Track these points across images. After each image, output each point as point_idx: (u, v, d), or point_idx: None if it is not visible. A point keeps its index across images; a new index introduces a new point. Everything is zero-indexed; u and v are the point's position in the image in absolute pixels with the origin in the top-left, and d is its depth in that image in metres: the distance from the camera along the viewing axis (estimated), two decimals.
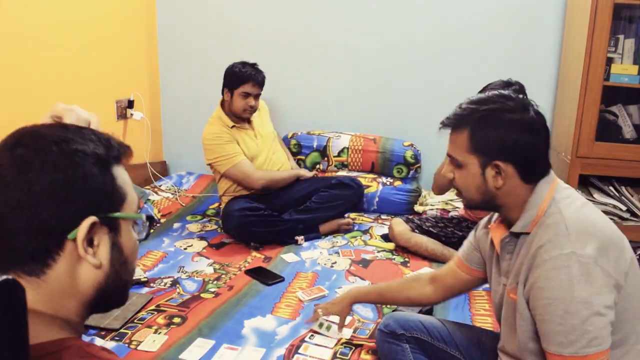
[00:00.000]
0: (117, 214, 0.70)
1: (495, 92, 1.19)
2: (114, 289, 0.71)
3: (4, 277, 0.53)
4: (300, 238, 2.67)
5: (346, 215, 2.95)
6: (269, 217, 2.63)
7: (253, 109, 2.73)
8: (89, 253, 0.67)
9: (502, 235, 1.21)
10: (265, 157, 2.81)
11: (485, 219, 1.38)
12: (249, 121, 2.82)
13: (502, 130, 1.12)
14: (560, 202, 1.12)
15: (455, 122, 1.18)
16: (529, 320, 1.12)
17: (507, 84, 2.31)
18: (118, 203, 0.70)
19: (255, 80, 2.67)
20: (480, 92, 2.31)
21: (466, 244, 1.42)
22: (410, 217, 2.77)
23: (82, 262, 0.67)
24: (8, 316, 0.54)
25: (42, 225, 0.64)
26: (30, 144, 0.66)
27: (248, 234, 2.58)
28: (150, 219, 0.77)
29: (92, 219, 0.66)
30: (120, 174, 0.71)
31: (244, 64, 2.71)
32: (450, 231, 2.56)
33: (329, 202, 2.74)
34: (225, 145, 2.68)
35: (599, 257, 1.02)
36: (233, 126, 2.73)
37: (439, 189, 2.47)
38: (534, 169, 1.15)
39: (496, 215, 1.28)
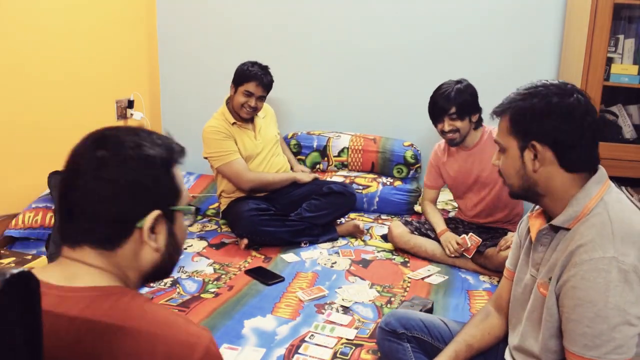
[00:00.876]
0: (174, 207, 0.84)
1: (543, 81, 1.20)
2: (167, 266, 0.87)
3: (20, 269, 0.60)
4: (304, 241, 2.67)
5: (345, 218, 2.94)
6: (277, 215, 2.63)
7: (252, 109, 2.72)
8: (152, 239, 0.81)
9: (540, 226, 1.20)
10: (262, 159, 2.81)
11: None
12: (251, 121, 2.81)
13: (539, 112, 1.13)
14: (610, 204, 1.10)
15: (501, 109, 1.21)
16: (555, 317, 1.11)
17: (458, 81, 2.44)
18: (176, 198, 0.85)
19: (259, 81, 2.66)
20: (436, 92, 2.45)
21: (512, 248, 1.38)
22: (409, 219, 2.77)
23: (145, 246, 0.81)
24: (24, 305, 0.60)
25: (117, 216, 0.78)
26: (112, 147, 0.79)
27: (259, 233, 2.56)
28: (197, 210, 0.91)
29: (156, 212, 0.80)
30: (178, 172, 0.86)
31: (254, 63, 2.71)
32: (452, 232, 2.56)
33: (319, 211, 2.71)
34: (222, 141, 2.68)
35: None
36: (234, 123, 2.73)
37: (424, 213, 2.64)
38: (573, 156, 1.12)
39: (538, 206, 1.26)
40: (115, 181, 0.77)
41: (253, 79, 2.66)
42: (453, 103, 2.37)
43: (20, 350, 0.60)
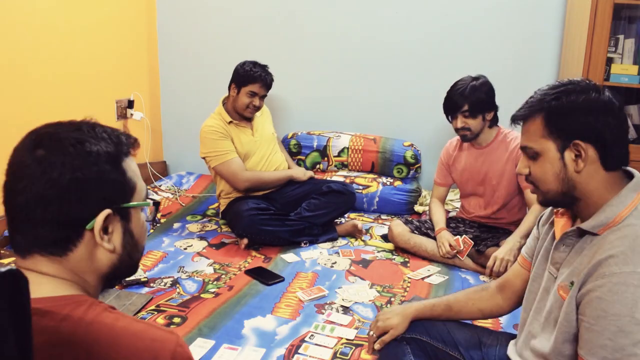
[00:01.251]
0: (128, 204, 0.79)
1: (563, 80, 1.15)
2: (126, 266, 0.82)
3: (8, 267, 0.58)
4: (304, 241, 2.67)
5: (345, 217, 2.95)
6: (277, 215, 2.63)
7: (256, 109, 2.75)
8: (105, 240, 0.76)
9: (565, 225, 1.17)
10: (261, 157, 2.81)
11: (549, 208, 1.31)
12: (248, 119, 2.82)
13: (579, 109, 1.08)
14: None
15: (527, 112, 1.14)
16: (573, 324, 1.09)
17: (475, 77, 2.41)
18: (129, 193, 0.79)
19: (263, 82, 2.71)
20: (452, 87, 2.42)
21: (530, 238, 1.35)
22: (410, 218, 2.77)
23: (99, 248, 0.77)
24: (11, 304, 0.59)
25: (64, 218, 0.73)
26: (50, 145, 0.74)
27: (259, 233, 2.56)
28: (156, 204, 0.85)
29: (106, 211, 0.75)
30: (130, 166, 0.80)
31: (255, 63, 2.74)
32: (451, 231, 2.56)
33: (318, 210, 2.71)
34: (218, 140, 2.70)
35: None
36: (230, 122, 2.74)
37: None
38: (614, 152, 1.09)
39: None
40: (57, 181, 0.72)
41: (257, 80, 2.70)
42: (466, 100, 2.36)
43: (9, 350, 0.59)
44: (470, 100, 2.35)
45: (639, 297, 0.98)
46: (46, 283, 0.74)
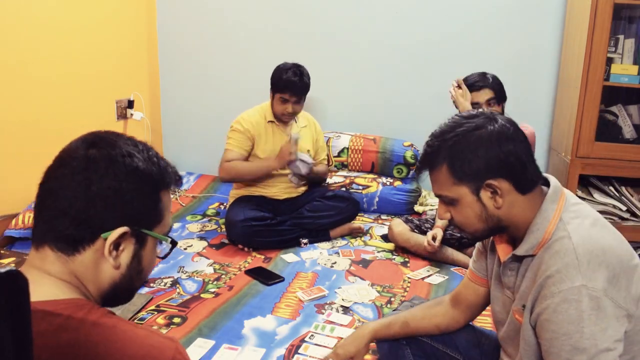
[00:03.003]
0: (148, 232, 0.80)
1: (454, 116, 1.13)
2: (125, 290, 0.82)
3: (9, 268, 0.58)
4: (304, 241, 2.66)
5: None
6: (272, 225, 2.60)
7: (291, 115, 2.69)
8: (112, 255, 0.77)
9: (505, 250, 1.17)
10: None
11: None
12: (285, 123, 2.76)
13: (480, 149, 1.06)
14: (569, 223, 1.05)
15: (430, 162, 1.12)
16: (534, 346, 1.09)
17: (483, 75, 2.40)
18: (154, 222, 0.81)
19: (293, 91, 2.61)
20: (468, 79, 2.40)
21: (475, 253, 1.35)
22: (410, 217, 2.77)
23: (105, 260, 0.77)
24: (11, 305, 0.58)
25: (86, 219, 0.75)
26: (104, 149, 0.77)
27: (251, 242, 2.56)
28: (173, 243, 0.85)
29: (124, 229, 0.76)
30: (165, 199, 0.82)
31: (289, 67, 2.63)
32: (450, 232, 2.56)
33: (321, 212, 2.71)
34: (236, 132, 2.67)
35: (610, 288, 0.98)
36: (271, 121, 2.71)
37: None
38: (526, 176, 1.08)
39: None
40: (95, 182, 0.75)
41: (288, 87, 2.60)
42: (492, 87, 2.37)
43: (8, 351, 0.58)
44: (494, 85, 2.37)
45: (583, 311, 0.97)
46: (48, 284, 0.75)
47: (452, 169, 1.08)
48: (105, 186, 0.75)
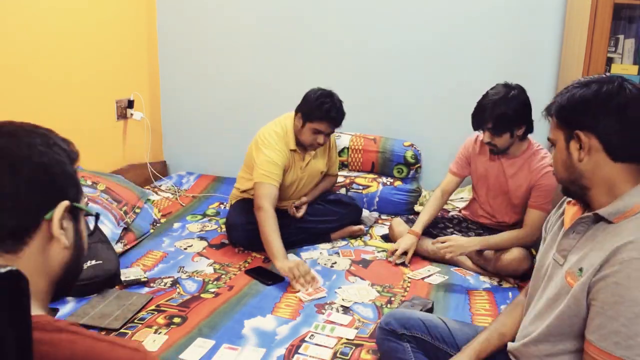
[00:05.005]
0: (80, 205, 0.78)
1: (595, 75, 1.19)
2: (75, 270, 0.80)
3: (9, 267, 0.58)
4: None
5: None
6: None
7: (321, 146, 2.55)
8: (62, 234, 0.74)
9: (578, 213, 1.18)
10: (296, 186, 2.67)
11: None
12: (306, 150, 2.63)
13: (583, 101, 1.12)
14: None
15: (548, 106, 1.22)
16: (580, 310, 1.08)
17: (507, 86, 2.26)
18: (80, 195, 0.79)
19: (331, 122, 2.46)
20: (481, 99, 2.28)
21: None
22: (411, 217, 2.76)
23: (53, 243, 0.74)
24: (12, 305, 0.58)
25: (24, 205, 0.71)
26: (14, 135, 0.74)
27: (252, 246, 2.54)
28: (97, 216, 0.84)
29: (66, 202, 0.74)
30: (76, 173, 0.80)
31: (327, 95, 2.47)
32: (450, 232, 2.56)
33: (322, 217, 2.69)
34: (273, 165, 2.44)
35: None
36: (293, 150, 2.55)
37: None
38: (620, 144, 1.10)
39: None
40: (22, 166, 0.71)
41: (325, 119, 2.42)
42: (490, 117, 2.20)
43: (9, 350, 0.58)
44: (493, 117, 2.19)
45: None
46: None
47: (557, 113, 1.18)
48: (34, 166, 0.72)
